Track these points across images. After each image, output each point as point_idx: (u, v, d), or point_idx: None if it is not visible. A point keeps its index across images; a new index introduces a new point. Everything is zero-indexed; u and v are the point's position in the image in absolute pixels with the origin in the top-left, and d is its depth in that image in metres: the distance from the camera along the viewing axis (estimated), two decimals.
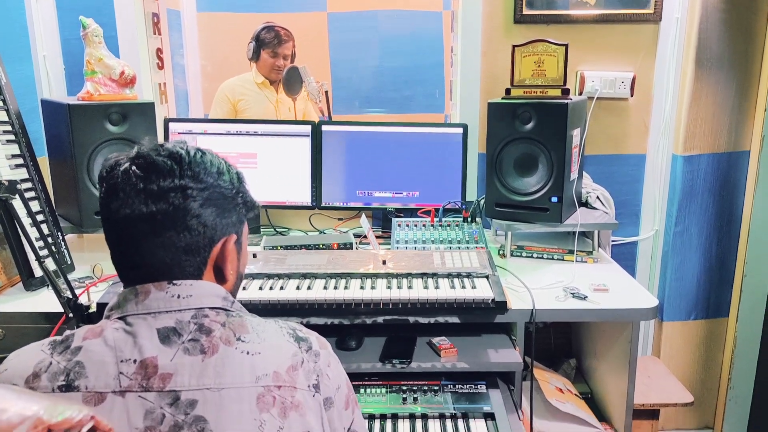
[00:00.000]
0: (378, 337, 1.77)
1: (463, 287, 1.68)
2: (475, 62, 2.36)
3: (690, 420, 2.62)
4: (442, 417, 1.58)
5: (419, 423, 1.57)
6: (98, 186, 0.95)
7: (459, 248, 1.99)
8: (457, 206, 2.23)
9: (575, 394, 1.98)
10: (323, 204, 2.30)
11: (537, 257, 2.09)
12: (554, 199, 1.99)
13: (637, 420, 2.11)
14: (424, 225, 2.13)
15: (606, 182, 2.39)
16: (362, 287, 1.68)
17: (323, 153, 2.27)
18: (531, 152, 2.00)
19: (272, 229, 2.37)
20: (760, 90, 2.32)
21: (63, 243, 1.90)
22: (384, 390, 1.66)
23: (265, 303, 1.64)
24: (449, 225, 2.13)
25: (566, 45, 1.97)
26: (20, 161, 1.86)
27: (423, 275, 1.75)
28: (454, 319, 1.67)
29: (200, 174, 0.93)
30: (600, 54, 2.35)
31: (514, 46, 2.02)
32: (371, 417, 1.58)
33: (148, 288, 0.92)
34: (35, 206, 1.82)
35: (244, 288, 1.67)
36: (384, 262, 1.81)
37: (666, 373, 2.35)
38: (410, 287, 1.68)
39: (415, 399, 1.62)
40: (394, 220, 2.15)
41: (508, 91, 2.05)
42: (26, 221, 1.65)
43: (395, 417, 1.58)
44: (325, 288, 1.68)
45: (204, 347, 0.88)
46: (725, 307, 2.52)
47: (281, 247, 2.03)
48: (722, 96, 2.32)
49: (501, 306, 1.63)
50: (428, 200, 2.27)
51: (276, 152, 2.28)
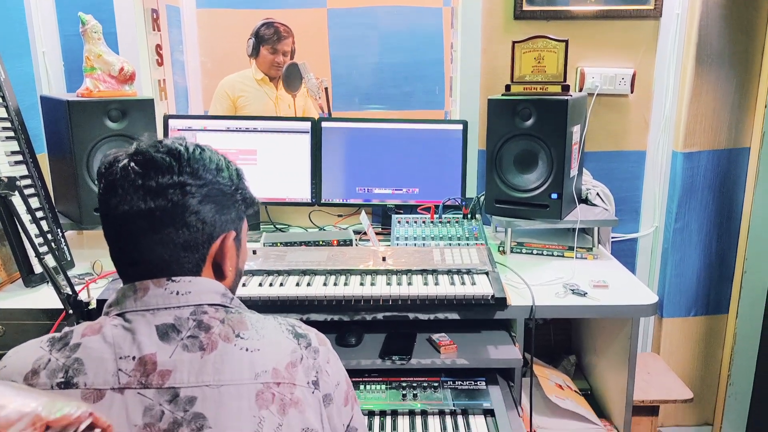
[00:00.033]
0: (378, 334, 1.77)
1: (463, 284, 1.68)
2: (475, 58, 2.35)
3: (690, 416, 2.62)
4: (442, 413, 1.59)
5: (419, 419, 1.57)
6: (97, 182, 0.95)
7: (459, 245, 1.99)
8: (457, 203, 2.23)
9: (575, 391, 1.98)
10: (323, 200, 2.30)
11: (537, 254, 2.09)
12: (554, 196, 1.99)
13: (637, 416, 2.11)
14: (424, 222, 2.13)
15: (606, 179, 2.38)
16: (362, 284, 1.68)
17: (323, 149, 2.27)
18: (531, 149, 2.00)
19: (272, 226, 2.37)
20: (761, 86, 2.32)
21: (63, 239, 1.90)
22: (384, 386, 1.66)
23: (265, 299, 1.64)
24: (449, 222, 2.13)
25: (566, 41, 1.97)
26: (20, 158, 1.85)
27: (423, 272, 1.75)
28: (454, 316, 1.67)
29: (199, 170, 0.93)
30: (600, 50, 2.35)
31: (514, 42, 2.02)
32: (371, 413, 1.58)
33: (147, 285, 0.91)
34: (35, 203, 1.82)
35: (244, 284, 1.67)
36: (384, 259, 1.80)
37: (666, 370, 2.35)
38: (410, 284, 1.68)
39: (415, 395, 1.63)
40: (394, 217, 2.15)
41: (508, 88, 2.05)
42: (26, 218, 1.65)
43: (395, 413, 1.59)
44: (325, 284, 1.68)
45: (203, 344, 0.88)
46: (725, 304, 2.52)
47: (281, 244, 2.03)
48: (722, 92, 2.32)
49: (501, 302, 1.63)
50: (428, 197, 2.27)
51: (276, 149, 2.27)
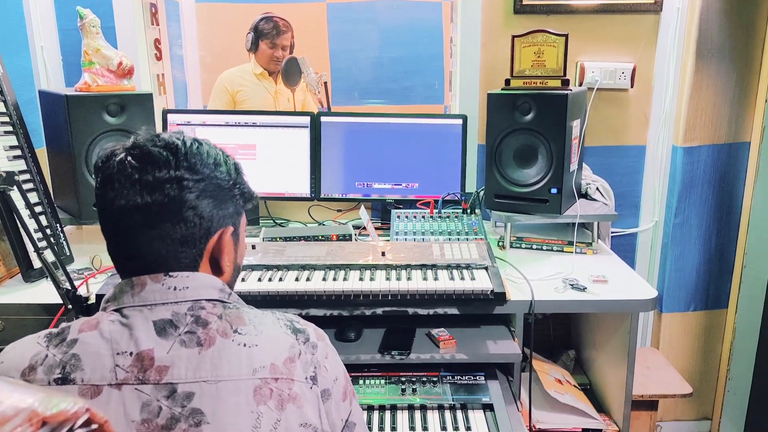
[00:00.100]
0: (377, 329, 1.77)
1: (462, 278, 1.67)
2: (475, 53, 2.35)
3: (689, 411, 2.63)
4: (441, 408, 1.59)
5: (418, 414, 1.57)
6: (94, 176, 0.95)
7: (458, 239, 1.99)
8: (457, 198, 2.22)
9: (574, 386, 1.99)
10: (322, 195, 2.30)
11: (536, 248, 2.09)
12: (554, 191, 1.99)
13: (636, 411, 2.11)
14: (424, 216, 2.13)
15: (606, 173, 2.38)
16: (361, 278, 1.67)
17: (322, 144, 2.26)
18: (531, 143, 2.00)
19: (271, 221, 2.37)
20: (761, 81, 2.31)
21: (62, 234, 1.90)
22: (383, 381, 1.66)
23: (264, 294, 1.64)
24: (448, 216, 2.13)
25: (566, 35, 1.96)
26: (18, 153, 1.85)
27: (422, 266, 1.75)
28: (453, 311, 1.67)
29: (196, 165, 0.92)
30: (600, 44, 2.34)
31: (514, 37, 2.01)
32: (370, 408, 1.58)
33: (144, 280, 0.91)
34: (33, 198, 1.82)
35: (243, 279, 1.67)
36: (383, 254, 1.80)
37: (665, 365, 2.35)
38: (409, 278, 1.68)
39: (414, 390, 1.63)
40: (394, 212, 2.15)
41: (508, 82, 2.05)
42: (24, 213, 1.65)
43: (394, 408, 1.59)
44: (324, 279, 1.68)
45: (200, 339, 0.88)
46: (724, 299, 2.52)
47: (280, 239, 2.03)
48: (722, 87, 2.31)
49: (500, 297, 1.63)
50: (427, 192, 2.27)
51: (275, 143, 2.27)
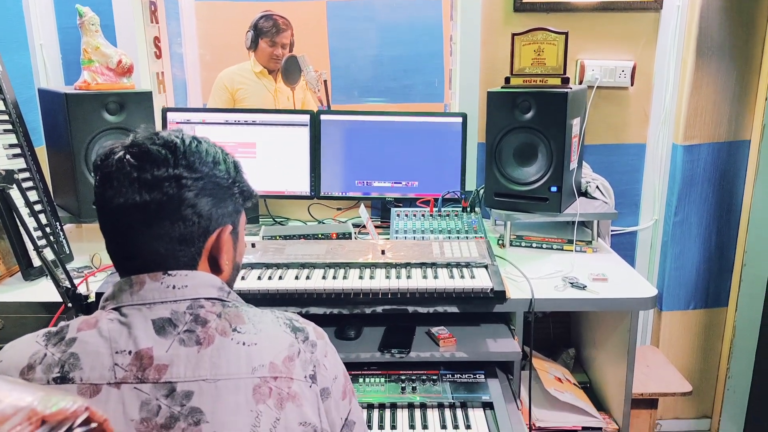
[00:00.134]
0: (377, 327, 1.77)
1: (462, 277, 1.67)
2: (475, 51, 2.34)
3: (688, 409, 2.63)
4: (441, 406, 1.59)
5: (418, 412, 1.58)
6: (93, 174, 0.95)
7: (458, 238, 1.99)
8: (456, 196, 2.22)
9: (574, 384, 1.99)
10: (322, 194, 2.30)
11: (536, 247, 2.09)
12: (554, 189, 1.99)
13: (636, 409, 2.11)
14: (423, 215, 2.13)
15: (606, 172, 2.38)
16: (361, 277, 1.67)
17: (322, 142, 2.26)
18: (530, 141, 2.00)
19: (271, 219, 2.37)
20: (761, 79, 2.31)
21: (61, 233, 1.90)
22: (383, 379, 1.66)
23: (264, 293, 1.63)
24: (448, 215, 2.13)
25: (566, 33, 1.96)
26: (18, 151, 1.85)
27: (422, 265, 1.75)
28: (453, 309, 1.67)
29: (195, 163, 0.92)
30: (600, 42, 2.34)
31: (514, 35, 2.01)
32: (370, 406, 1.58)
33: (143, 278, 0.91)
34: (33, 196, 1.82)
35: (243, 278, 1.67)
36: (383, 252, 1.80)
37: (665, 363, 2.35)
38: (409, 277, 1.67)
39: (414, 388, 1.63)
40: (393, 210, 2.15)
41: (508, 80, 2.04)
42: (24, 211, 1.65)
43: (394, 406, 1.59)
44: (324, 278, 1.68)
45: (200, 338, 0.88)
46: (724, 297, 2.52)
47: (280, 237, 2.02)
48: (723, 85, 2.31)
49: (500, 295, 1.63)
50: (427, 190, 2.27)
51: (275, 142, 2.27)
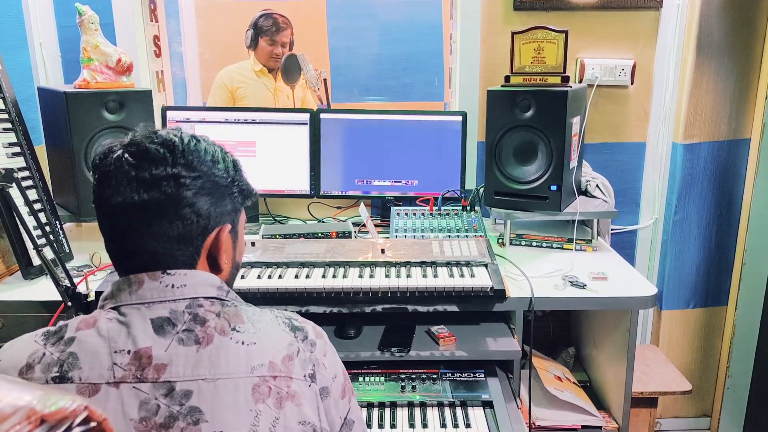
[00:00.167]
0: (377, 326, 1.77)
1: (462, 276, 1.67)
2: (475, 49, 2.34)
3: (688, 408, 2.63)
4: (441, 405, 1.59)
5: (417, 411, 1.57)
6: (91, 173, 0.94)
7: (458, 237, 1.99)
8: (456, 195, 2.22)
9: (574, 383, 1.99)
10: (322, 193, 2.29)
11: (536, 246, 2.09)
12: (553, 188, 1.99)
13: (636, 408, 2.11)
14: (423, 214, 2.13)
15: (605, 170, 2.38)
16: (361, 276, 1.67)
17: (322, 141, 2.26)
18: (530, 140, 1.99)
19: (271, 218, 2.37)
20: (761, 78, 2.31)
21: (61, 232, 1.90)
22: (383, 378, 1.66)
23: (264, 291, 1.63)
24: (448, 214, 2.13)
25: (566, 32, 1.96)
26: (17, 150, 1.85)
27: (422, 264, 1.75)
28: (453, 308, 1.67)
29: (194, 162, 0.92)
30: (600, 41, 2.33)
31: (514, 33, 2.01)
32: (370, 405, 1.58)
33: (142, 278, 0.91)
34: (32, 195, 1.82)
35: (243, 276, 1.67)
36: (383, 251, 1.80)
37: (664, 362, 2.35)
38: (409, 276, 1.67)
39: (414, 387, 1.63)
40: (393, 209, 2.15)
41: (508, 79, 2.04)
42: (24, 210, 1.65)
43: (394, 405, 1.59)
44: (324, 276, 1.68)
45: (198, 337, 0.88)
46: (724, 296, 2.52)
47: (280, 236, 2.02)
48: (723, 84, 2.31)
49: (500, 294, 1.63)
50: (427, 189, 2.27)
51: (274, 140, 2.27)
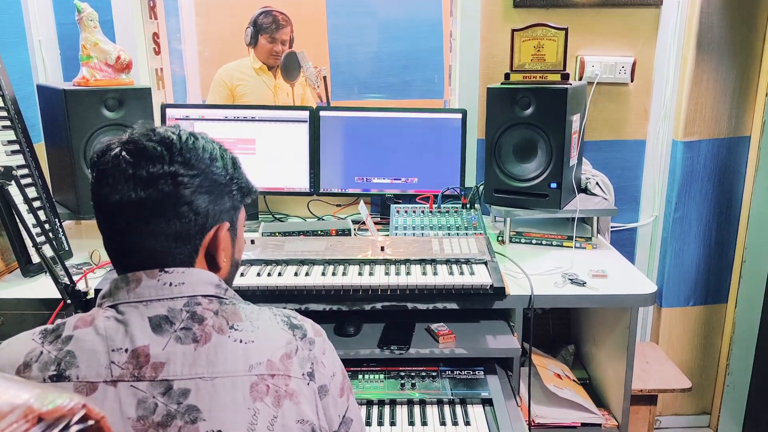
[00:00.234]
0: (376, 324, 1.77)
1: (462, 273, 1.67)
2: (475, 47, 2.34)
3: (688, 405, 2.63)
4: (440, 403, 1.59)
5: (417, 409, 1.58)
6: (90, 171, 0.94)
7: (458, 234, 1.99)
8: (456, 192, 2.22)
9: (573, 380, 1.99)
10: (321, 190, 2.29)
11: (536, 243, 2.08)
12: (553, 185, 1.98)
13: (635, 405, 2.11)
14: (423, 211, 2.13)
15: (605, 168, 2.38)
16: (360, 273, 1.67)
17: (321, 139, 2.26)
18: (530, 138, 1.99)
19: (270, 216, 2.37)
20: (761, 75, 2.31)
21: (60, 229, 1.90)
22: (382, 376, 1.66)
23: (263, 289, 1.63)
24: (448, 211, 2.13)
25: (566, 29, 1.95)
26: (16, 147, 1.85)
27: (421, 261, 1.74)
28: (453, 306, 1.67)
29: (191, 160, 0.91)
30: (600, 38, 2.33)
31: (514, 31, 2.00)
32: (369, 403, 1.58)
33: (140, 276, 0.91)
34: (32, 192, 1.82)
35: (242, 274, 1.67)
36: (382, 249, 1.80)
37: (664, 359, 2.35)
38: (408, 273, 1.67)
39: (413, 385, 1.63)
40: (393, 207, 2.15)
41: (508, 76, 2.04)
42: (23, 208, 1.64)
43: (393, 403, 1.59)
44: (323, 274, 1.68)
45: (196, 336, 0.87)
46: (724, 293, 2.52)
47: (279, 234, 2.02)
48: (723, 81, 2.31)
49: (499, 292, 1.63)
50: (427, 186, 2.26)
51: (274, 138, 2.26)
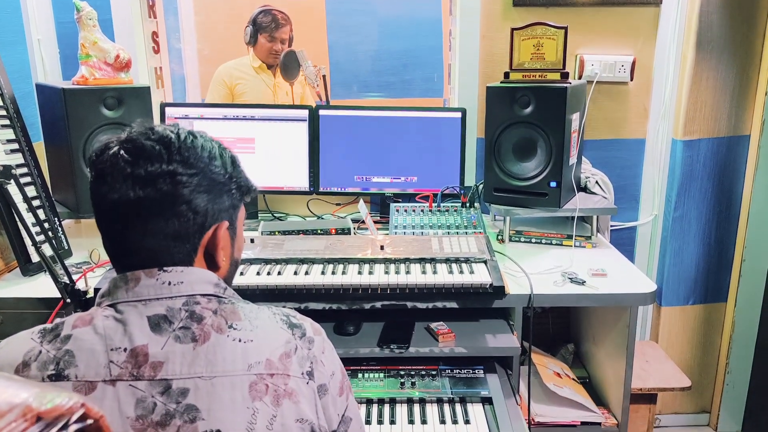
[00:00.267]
0: (376, 323, 1.77)
1: (461, 272, 1.67)
2: (474, 46, 2.34)
3: (687, 404, 2.63)
4: (440, 401, 1.59)
5: (417, 407, 1.58)
6: (88, 170, 0.94)
7: (457, 233, 1.99)
8: (456, 191, 2.22)
9: (573, 379, 1.99)
10: (321, 189, 2.29)
11: (535, 242, 2.08)
12: (553, 184, 1.98)
13: (635, 404, 2.11)
14: (423, 210, 2.13)
15: (605, 167, 2.37)
16: (360, 272, 1.67)
17: (321, 138, 2.26)
18: (530, 136, 1.99)
19: (270, 215, 2.36)
20: (761, 74, 2.30)
21: (60, 228, 1.90)
22: (382, 375, 1.67)
23: (263, 288, 1.63)
24: (447, 210, 2.13)
25: (565, 28, 1.95)
26: (15, 146, 1.84)
27: (421, 260, 1.74)
28: (452, 304, 1.67)
29: (190, 159, 0.91)
30: (600, 37, 2.33)
31: (513, 29, 2.00)
32: (369, 402, 1.58)
33: (138, 275, 0.90)
34: (31, 191, 1.81)
35: (242, 273, 1.67)
36: (382, 248, 1.80)
37: (664, 358, 2.35)
38: (408, 272, 1.67)
39: (413, 384, 1.63)
40: (392, 206, 2.15)
41: (507, 75, 2.04)
42: (22, 207, 1.64)
43: (393, 401, 1.59)
44: (323, 273, 1.68)
45: (195, 335, 0.87)
46: (724, 292, 2.52)
47: (279, 233, 2.02)
48: (722, 80, 2.30)
49: (499, 291, 1.63)
50: (426, 185, 2.26)
51: (273, 137, 2.26)
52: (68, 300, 1.47)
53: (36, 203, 1.81)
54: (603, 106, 2.38)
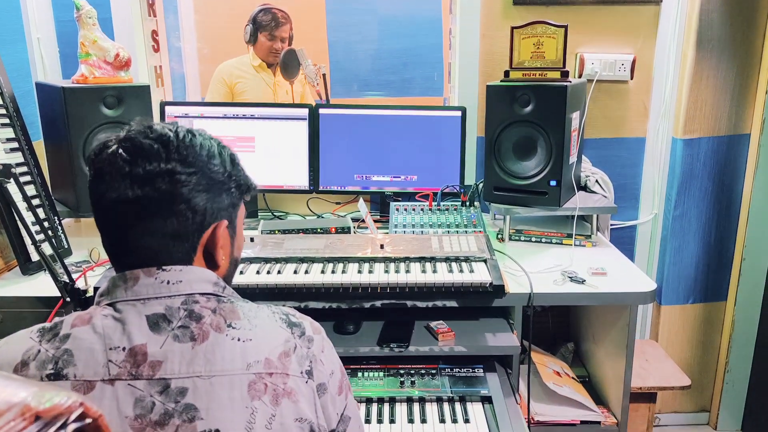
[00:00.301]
0: (376, 321, 1.77)
1: (461, 271, 1.67)
2: (474, 44, 2.33)
3: (687, 403, 2.63)
4: (440, 400, 1.59)
5: (417, 406, 1.58)
6: (87, 169, 0.94)
7: (457, 232, 1.98)
8: (456, 190, 2.22)
9: (573, 378, 1.99)
10: (321, 188, 2.29)
11: (535, 241, 2.08)
12: (553, 183, 1.98)
13: (635, 403, 2.11)
14: (422, 209, 2.13)
15: (605, 166, 2.37)
16: (360, 271, 1.67)
17: (321, 136, 2.26)
18: (530, 135, 1.99)
19: (270, 213, 2.36)
20: (761, 73, 2.30)
21: (60, 227, 1.90)
22: (382, 374, 1.67)
23: (263, 287, 1.63)
24: (447, 209, 2.12)
25: (565, 27, 1.95)
26: (15, 145, 1.84)
27: (421, 259, 1.74)
28: (452, 303, 1.67)
29: (189, 157, 0.91)
30: (600, 36, 2.33)
31: (513, 28, 2.00)
32: (369, 400, 1.58)
33: (137, 274, 0.90)
34: (31, 190, 1.81)
35: (242, 272, 1.67)
36: (382, 246, 1.80)
37: (664, 357, 2.35)
38: (408, 271, 1.67)
39: (413, 382, 1.63)
40: (392, 204, 2.14)
41: (507, 74, 2.03)
42: (22, 206, 1.64)
43: (393, 400, 1.59)
44: (323, 272, 1.67)
45: (194, 334, 0.87)
46: (723, 291, 2.52)
47: (279, 231, 2.02)
48: (723, 79, 2.30)
49: (499, 290, 1.63)
50: (426, 184, 2.26)
51: (273, 136, 2.26)
52: (68, 299, 1.48)
53: (36, 202, 1.80)
54: (603, 105, 2.38)
